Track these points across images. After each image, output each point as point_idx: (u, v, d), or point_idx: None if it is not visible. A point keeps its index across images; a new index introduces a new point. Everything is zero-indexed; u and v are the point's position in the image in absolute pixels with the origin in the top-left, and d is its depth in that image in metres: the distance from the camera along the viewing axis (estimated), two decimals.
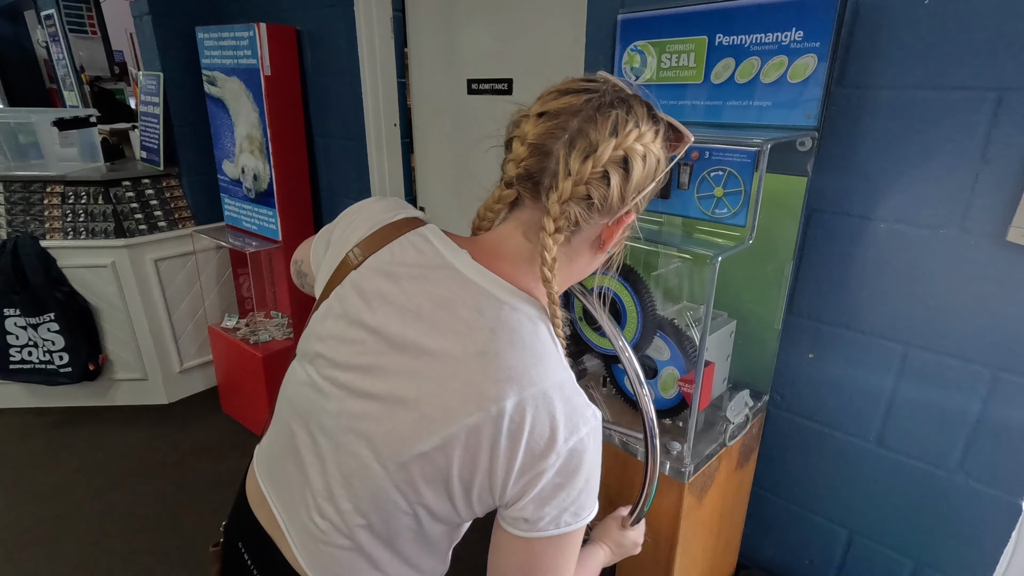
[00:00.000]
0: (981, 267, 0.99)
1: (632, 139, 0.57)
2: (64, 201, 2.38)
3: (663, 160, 0.61)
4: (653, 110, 0.61)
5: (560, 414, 0.56)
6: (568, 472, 0.57)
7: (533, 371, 0.57)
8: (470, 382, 0.56)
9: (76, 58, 3.46)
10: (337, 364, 0.63)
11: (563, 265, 0.63)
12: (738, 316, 1.20)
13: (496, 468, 0.56)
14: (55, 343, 2.38)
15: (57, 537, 1.91)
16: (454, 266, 0.62)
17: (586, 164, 0.56)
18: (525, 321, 0.59)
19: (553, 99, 0.59)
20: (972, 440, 1.07)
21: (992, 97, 0.92)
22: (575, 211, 0.58)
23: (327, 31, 2.08)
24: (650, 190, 0.61)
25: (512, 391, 0.55)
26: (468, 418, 0.55)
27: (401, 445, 0.58)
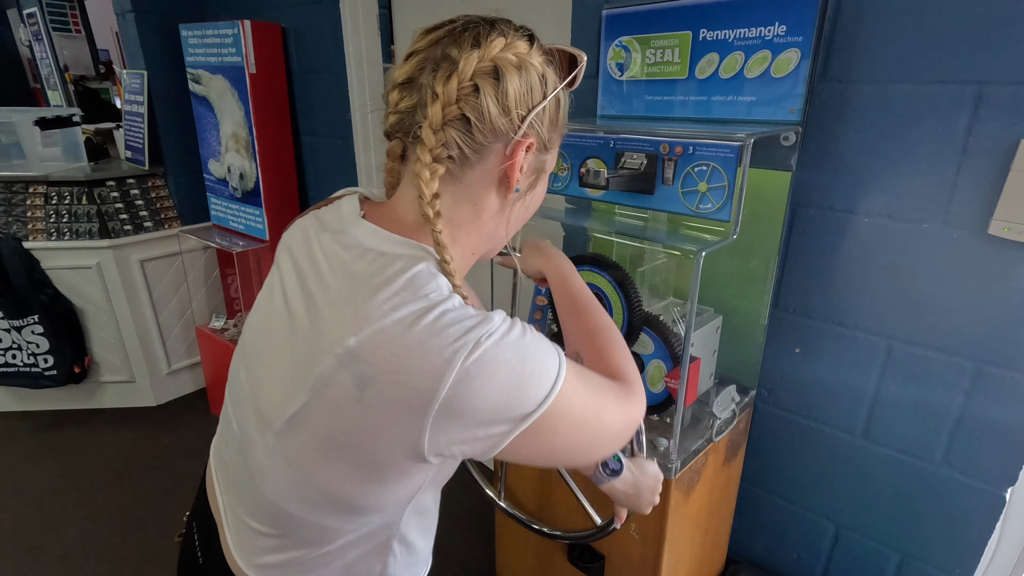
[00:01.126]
0: (963, 260, 1.00)
1: (498, 49, 0.53)
2: (47, 202, 2.35)
3: (549, 76, 0.57)
4: (524, 27, 0.57)
5: (431, 336, 0.49)
6: (474, 399, 0.49)
7: (386, 304, 0.51)
8: (321, 329, 0.53)
9: (60, 57, 3.42)
10: (246, 340, 0.64)
11: (466, 210, 0.58)
12: (724, 311, 1.21)
13: (366, 425, 0.51)
14: (39, 346, 2.35)
15: (43, 541, 1.89)
16: (344, 227, 0.59)
17: (451, 82, 0.52)
18: (394, 262, 0.54)
19: (419, 39, 0.57)
20: (956, 433, 1.08)
21: (972, 91, 0.93)
22: (454, 136, 0.53)
23: (313, 28, 2.06)
24: (547, 110, 0.57)
25: (357, 328, 0.50)
26: (319, 367, 0.51)
27: (273, 411, 0.56)
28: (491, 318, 0.52)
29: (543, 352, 0.54)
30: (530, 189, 0.62)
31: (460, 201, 0.58)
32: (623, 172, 1.07)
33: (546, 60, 0.57)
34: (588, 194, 1.13)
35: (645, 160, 1.04)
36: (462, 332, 0.49)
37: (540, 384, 0.52)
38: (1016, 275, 0.95)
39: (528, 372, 0.51)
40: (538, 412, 0.51)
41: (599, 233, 1.28)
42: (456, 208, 0.58)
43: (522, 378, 0.51)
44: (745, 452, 1.36)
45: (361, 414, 0.51)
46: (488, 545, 1.82)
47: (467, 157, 0.55)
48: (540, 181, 0.63)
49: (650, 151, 1.02)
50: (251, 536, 0.63)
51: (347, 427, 0.52)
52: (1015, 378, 0.99)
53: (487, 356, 0.49)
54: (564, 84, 0.59)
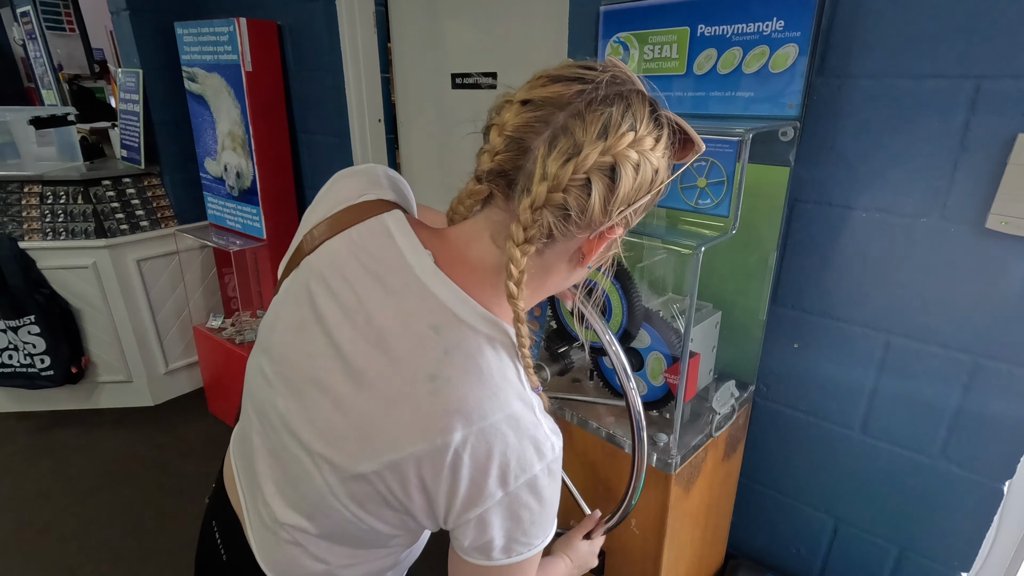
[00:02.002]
0: (961, 255, 1.00)
1: (624, 144, 0.49)
2: (43, 201, 2.34)
3: (663, 170, 0.53)
4: (657, 110, 0.53)
5: (511, 451, 0.52)
6: (517, 508, 0.54)
7: (487, 403, 0.52)
8: (417, 409, 0.52)
9: (54, 56, 3.40)
10: (286, 359, 0.60)
11: (534, 278, 0.57)
12: (723, 307, 1.21)
13: (438, 498, 0.54)
14: (36, 346, 2.34)
15: (41, 542, 1.88)
16: (414, 272, 0.55)
17: (566, 168, 0.48)
18: (484, 345, 0.54)
19: (541, 86, 0.52)
20: (954, 426, 1.08)
21: (969, 85, 0.93)
22: (549, 221, 0.50)
23: (309, 26, 2.06)
24: (644, 203, 0.54)
25: (461, 424, 0.51)
26: (411, 448, 0.52)
27: (341, 462, 0.55)
28: (553, 444, 0.56)
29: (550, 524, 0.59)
30: (598, 260, 0.60)
31: (535, 273, 0.56)
32: None
33: (666, 152, 0.54)
34: None
35: None
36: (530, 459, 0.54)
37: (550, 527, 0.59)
38: (1014, 269, 0.96)
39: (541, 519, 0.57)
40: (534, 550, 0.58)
41: None
42: (530, 278, 0.56)
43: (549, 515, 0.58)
44: (744, 447, 1.36)
45: (425, 495, 0.54)
46: None
47: (555, 239, 0.53)
48: (612, 251, 0.61)
49: None
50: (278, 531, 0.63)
51: (414, 498, 0.55)
52: (1013, 372, 0.99)
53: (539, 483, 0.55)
54: (673, 176, 0.56)
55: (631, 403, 0.89)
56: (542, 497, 0.55)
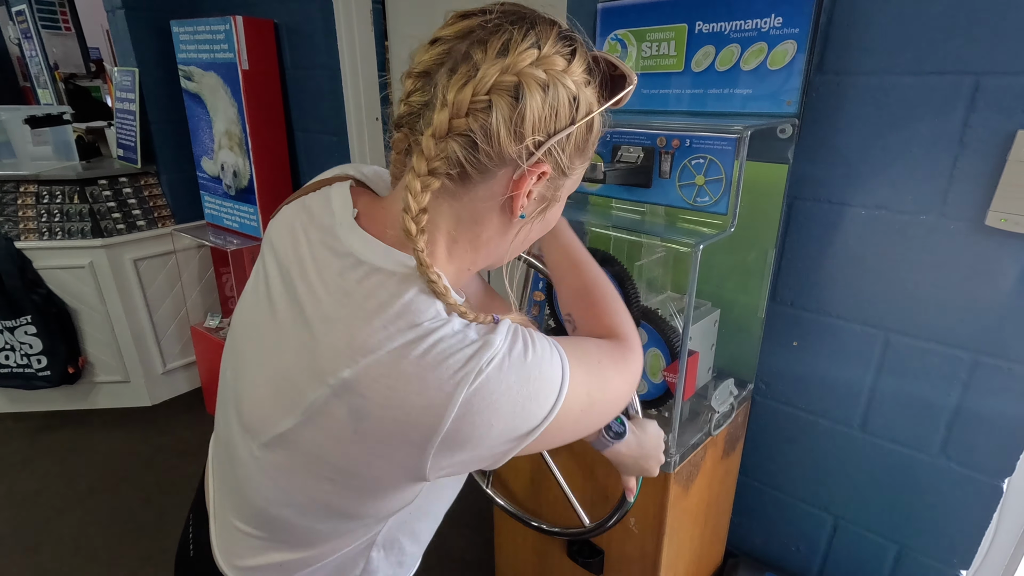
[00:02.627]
0: (960, 252, 1.00)
1: (527, 62, 0.46)
2: (39, 201, 2.33)
3: (586, 101, 0.50)
4: (569, 33, 0.50)
5: (429, 370, 0.46)
6: (477, 429, 0.48)
7: (381, 332, 0.47)
8: (314, 352, 0.50)
9: (50, 55, 3.38)
10: (235, 329, 0.61)
11: (463, 230, 0.53)
12: (722, 305, 1.20)
13: (355, 456, 0.50)
14: (32, 346, 2.33)
15: (38, 543, 1.87)
16: (333, 227, 0.55)
17: (464, 91, 0.45)
18: (388, 282, 0.50)
19: (450, 24, 0.50)
20: (953, 424, 1.08)
21: (969, 82, 0.93)
22: (456, 151, 0.47)
23: (305, 24, 2.05)
24: (572, 138, 0.50)
25: (352, 359, 0.47)
26: (312, 394, 0.49)
27: (260, 424, 0.54)
28: (492, 341, 0.48)
29: (547, 364, 0.51)
30: (539, 215, 0.56)
31: (459, 217, 0.53)
32: (620, 166, 1.06)
33: (586, 79, 0.50)
34: (585, 188, 1.13)
35: (642, 153, 1.03)
36: (462, 362, 0.47)
37: (545, 400, 0.50)
38: (1013, 266, 0.95)
39: (533, 392, 0.49)
40: (544, 425, 0.51)
41: (596, 227, 1.28)
42: (453, 223, 0.53)
43: (527, 399, 0.49)
44: (743, 445, 1.36)
45: (356, 444, 0.49)
46: (487, 543, 1.81)
47: (468, 175, 0.49)
48: (552, 206, 0.57)
49: (647, 144, 1.02)
50: (235, 536, 0.62)
51: (340, 454, 0.51)
52: (1012, 369, 0.99)
53: (489, 385, 0.47)
54: (602, 109, 0.52)
55: (630, 402, 0.89)
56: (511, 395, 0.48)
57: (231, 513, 0.62)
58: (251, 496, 0.58)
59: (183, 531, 0.75)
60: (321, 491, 0.53)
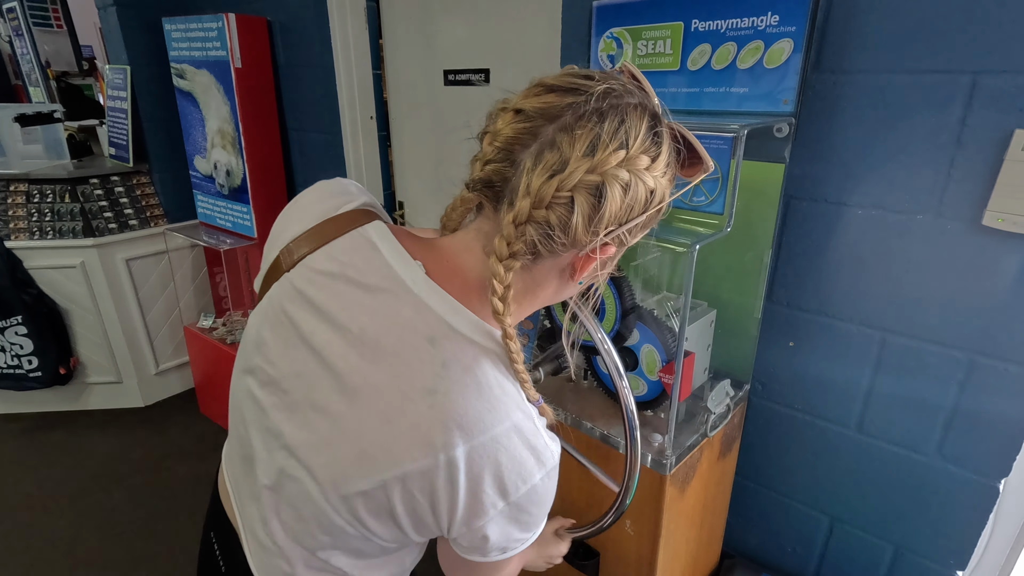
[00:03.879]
0: (957, 252, 0.99)
1: (613, 163, 0.47)
2: (29, 200, 2.30)
3: (662, 189, 0.51)
4: (657, 126, 0.50)
5: (512, 462, 0.52)
6: (518, 515, 0.55)
7: (486, 416, 0.51)
8: (417, 424, 0.50)
9: (41, 53, 3.35)
10: (274, 381, 0.57)
11: (524, 293, 0.56)
12: (718, 305, 1.20)
13: (440, 511, 0.53)
14: (23, 347, 2.31)
15: (29, 546, 1.85)
16: (405, 283, 0.53)
17: (549, 184, 0.47)
18: (481, 357, 0.53)
19: (536, 95, 0.50)
20: (950, 424, 1.07)
21: (966, 80, 0.92)
22: (533, 236, 0.49)
23: (299, 22, 2.03)
24: (640, 222, 0.52)
25: (461, 438, 0.50)
26: (412, 464, 0.50)
27: (341, 480, 0.53)
28: (552, 451, 0.56)
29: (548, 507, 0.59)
30: (591, 276, 0.58)
31: (524, 288, 0.56)
32: None
33: (664, 171, 0.51)
34: None
35: None
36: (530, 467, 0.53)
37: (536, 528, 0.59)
38: (1010, 266, 0.95)
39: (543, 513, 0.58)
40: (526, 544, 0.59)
41: None
42: (519, 293, 0.56)
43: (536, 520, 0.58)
44: (740, 446, 1.36)
45: (428, 508, 0.53)
46: None
47: (541, 255, 0.52)
48: (607, 267, 0.58)
49: None
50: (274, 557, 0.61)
51: (417, 510, 0.54)
52: (1009, 369, 0.99)
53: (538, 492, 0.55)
54: (674, 197, 0.54)
55: (624, 403, 0.88)
56: (541, 502, 0.56)
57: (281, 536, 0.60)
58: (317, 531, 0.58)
59: (204, 549, 0.74)
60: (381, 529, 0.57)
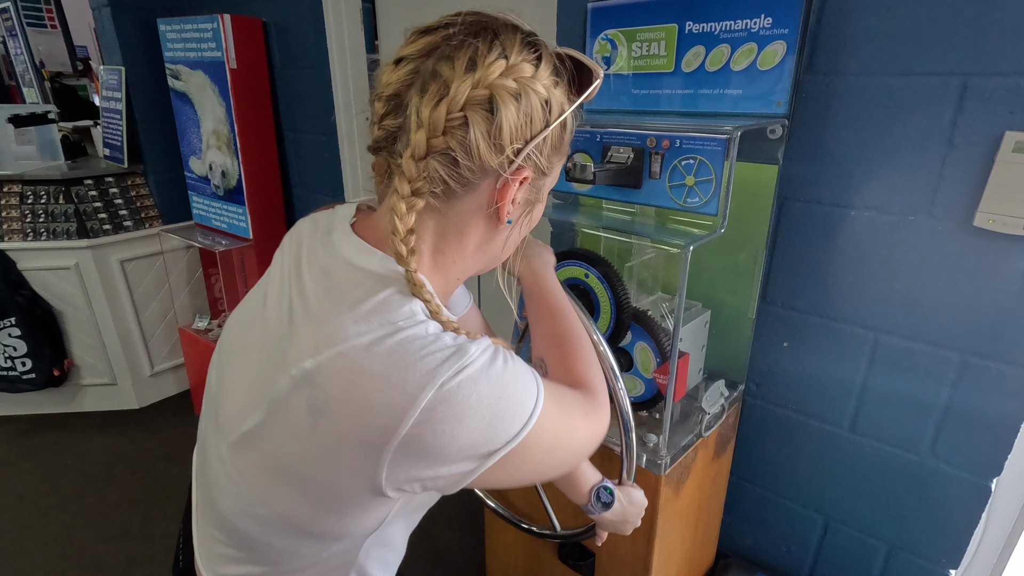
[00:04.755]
0: (949, 253, 1.00)
1: (496, 73, 0.46)
2: (23, 201, 2.29)
3: (557, 101, 0.50)
4: (532, 37, 0.50)
5: (395, 368, 0.45)
6: (439, 438, 0.46)
7: (351, 327, 0.47)
8: (287, 346, 0.50)
9: (35, 53, 3.33)
10: (221, 338, 0.62)
11: (444, 237, 0.53)
12: (712, 306, 1.20)
13: (315, 453, 0.47)
14: (17, 349, 2.29)
15: (23, 548, 1.84)
16: (331, 233, 0.57)
17: (439, 109, 0.46)
18: (367, 280, 0.50)
19: (411, 41, 0.50)
20: (942, 424, 1.08)
21: (957, 83, 0.93)
22: (437, 169, 0.48)
23: (295, 22, 2.03)
24: (548, 139, 0.51)
25: (316, 350, 0.47)
26: (276, 385, 0.49)
27: (232, 421, 0.53)
28: (467, 349, 0.47)
29: (522, 385, 0.50)
30: (525, 216, 0.57)
31: (445, 231, 0.53)
32: (610, 166, 1.05)
33: (554, 80, 0.50)
34: (575, 189, 1.12)
35: (632, 154, 1.03)
36: (432, 365, 0.45)
37: (513, 420, 0.49)
38: (1001, 267, 0.96)
39: (503, 409, 0.48)
40: (507, 447, 0.49)
41: (586, 228, 1.27)
42: (439, 236, 0.53)
43: (495, 416, 0.47)
44: (734, 446, 1.36)
45: (313, 442, 0.48)
46: (478, 545, 1.81)
47: (452, 191, 0.50)
48: (536, 206, 0.58)
49: (637, 145, 1.01)
50: (213, 544, 0.61)
51: (299, 454, 0.49)
52: (1001, 369, 0.99)
53: (459, 394, 0.46)
54: (573, 108, 0.52)
55: (619, 404, 0.88)
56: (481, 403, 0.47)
57: (206, 520, 0.61)
58: (219, 504, 0.57)
59: (177, 542, 0.74)
60: (280, 500, 0.52)
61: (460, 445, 0.47)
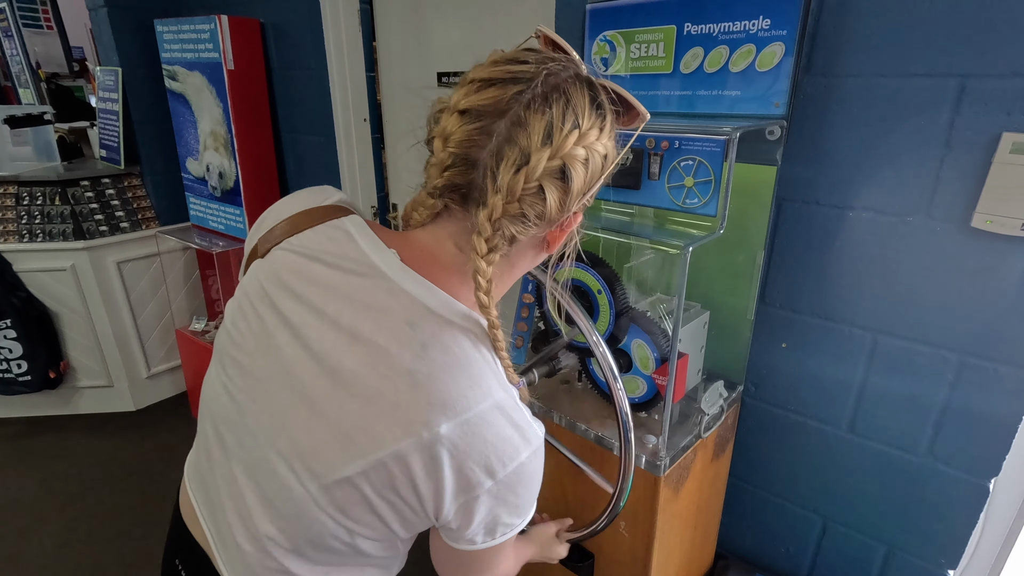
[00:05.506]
0: (947, 253, 1.00)
1: (571, 144, 0.49)
2: (19, 202, 2.28)
3: (611, 151, 0.54)
4: (597, 96, 0.52)
5: (497, 439, 0.52)
6: (505, 495, 0.55)
7: (469, 393, 0.52)
8: (398, 404, 0.51)
9: (31, 54, 3.32)
10: (249, 370, 0.57)
11: (501, 275, 0.60)
12: (711, 307, 1.20)
13: (425, 494, 0.53)
14: (12, 351, 2.28)
15: (19, 551, 1.83)
16: (380, 269, 0.54)
17: (517, 179, 0.48)
18: (460, 336, 0.53)
19: (476, 91, 0.51)
20: (940, 424, 1.08)
21: (954, 84, 0.93)
22: (509, 228, 0.51)
23: (292, 24, 2.03)
24: (597, 188, 0.56)
25: (444, 416, 0.50)
26: (395, 445, 0.50)
27: (323, 468, 0.53)
28: (539, 432, 0.57)
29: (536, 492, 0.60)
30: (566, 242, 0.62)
31: (501, 270, 0.59)
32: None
33: (613, 132, 0.54)
34: None
35: (631, 155, 1.03)
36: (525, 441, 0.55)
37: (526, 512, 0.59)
38: (999, 267, 0.96)
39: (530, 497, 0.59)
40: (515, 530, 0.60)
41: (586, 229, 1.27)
42: (498, 277, 0.58)
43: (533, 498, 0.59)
44: (733, 447, 1.36)
45: (414, 490, 0.53)
46: None
47: (517, 240, 0.54)
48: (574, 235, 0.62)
49: (636, 146, 1.01)
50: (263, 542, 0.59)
51: (395, 497, 0.53)
52: (998, 370, 1.00)
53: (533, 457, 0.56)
54: (623, 152, 0.56)
55: (618, 404, 0.88)
56: (529, 482, 0.56)
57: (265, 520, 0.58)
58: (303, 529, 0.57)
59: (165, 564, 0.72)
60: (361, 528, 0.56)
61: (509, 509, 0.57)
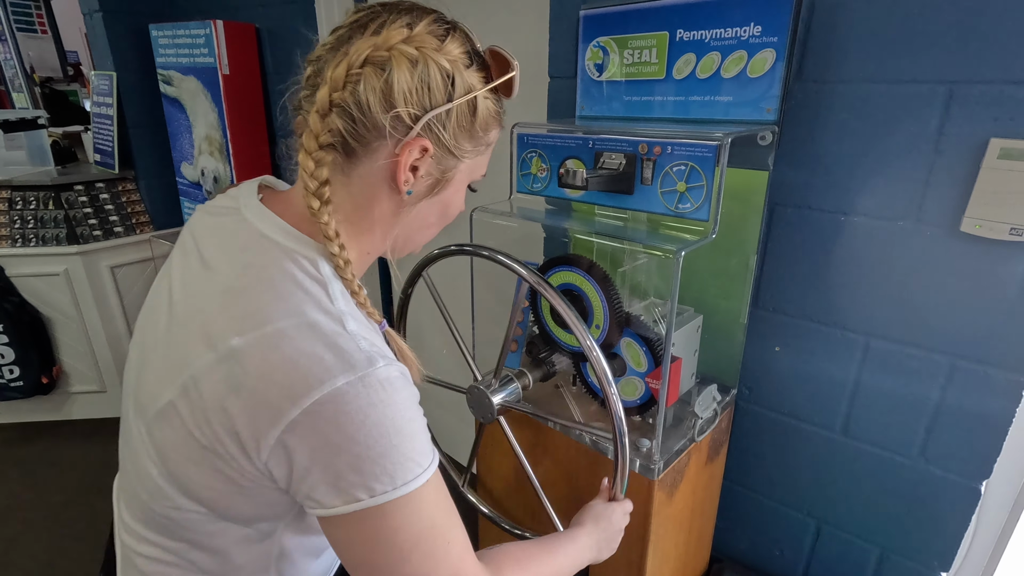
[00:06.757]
0: (937, 257, 1.01)
1: (397, 39, 0.50)
2: (11, 207, 2.27)
3: (461, 78, 0.53)
4: (450, 21, 0.54)
5: (301, 357, 0.46)
6: (328, 433, 0.46)
7: (269, 308, 0.49)
8: (206, 322, 0.50)
9: (25, 58, 3.32)
10: (138, 341, 0.61)
11: (359, 206, 0.56)
12: (704, 311, 1.21)
13: (236, 421, 0.48)
14: (4, 356, 2.27)
15: (9, 559, 1.82)
16: (239, 209, 0.58)
17: (340, 67, 0.49)
18: (283, 258, 0.52)
19: (347, 17, 0.55)
20: (932, 427, 1.09)
21: (943, 90, 0.94)
22: (338, 124, 0.51)
23: (287, 28, 2.03)
24: (445, 112, 0.53)
25: (241, 329, 0.48)
26: (198, 360, 0.49)
27: (149, 398, 0.53)
28: (375, 361, 0.48)
29: (421, 440, 0.51)
30: (431, 195, 0.58)
31: (351, 195, 0.56)
32: (602, 172, 1.06)
33: (465, 61, 0.53)
34: (567, 195, 1.13)
35: (624, 160, 1.03)
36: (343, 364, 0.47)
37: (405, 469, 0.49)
38: (988, 271, 0.97)
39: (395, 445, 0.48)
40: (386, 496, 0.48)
41: (579, 234, 1.28)
42: (348, 205, 0.56)
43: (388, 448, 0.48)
44: (727, 451, 1.37)
45: (223, 418, 0.49)
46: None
47: (352, 149, 0.52)
48: (448, 188, 0.59)
49: (629, 151, 1.02)
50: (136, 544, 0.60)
51: (210, 429, 0.49)
52: (988, 372, 1.01)
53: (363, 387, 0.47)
54: (484, 90, 0.55)
55: (612, 409, 0.88)
56: (360, 423, 0.46)
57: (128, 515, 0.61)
58: (139, 490, 0.57)
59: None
60: (194, 480, 0.53)
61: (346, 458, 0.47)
